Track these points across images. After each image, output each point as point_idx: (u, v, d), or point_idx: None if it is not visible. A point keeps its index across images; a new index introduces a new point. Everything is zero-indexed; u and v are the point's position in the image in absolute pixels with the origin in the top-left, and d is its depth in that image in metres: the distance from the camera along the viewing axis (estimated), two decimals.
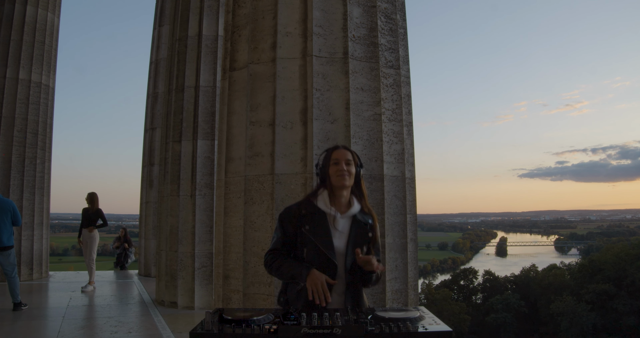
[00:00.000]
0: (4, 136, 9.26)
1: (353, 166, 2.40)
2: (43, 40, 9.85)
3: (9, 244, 6.58)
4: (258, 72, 3.70)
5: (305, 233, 2.33)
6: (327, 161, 2.40)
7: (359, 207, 2.41)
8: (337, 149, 2.42)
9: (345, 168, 2.36)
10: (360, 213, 2.41)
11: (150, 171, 10.73)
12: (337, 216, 2.36)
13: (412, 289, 3.80)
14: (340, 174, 2.35)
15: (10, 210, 6.64)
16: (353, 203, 2.41)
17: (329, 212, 2.35)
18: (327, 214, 2.35)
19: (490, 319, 44.59)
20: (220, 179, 3.95)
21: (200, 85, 7.20)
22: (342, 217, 2.37)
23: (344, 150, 2.43)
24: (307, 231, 2.33)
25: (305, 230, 2.33)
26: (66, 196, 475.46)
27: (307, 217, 2.35)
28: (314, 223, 2.34)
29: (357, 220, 2.39)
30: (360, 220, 2.39)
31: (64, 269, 18.51)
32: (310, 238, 2.32)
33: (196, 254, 6.85)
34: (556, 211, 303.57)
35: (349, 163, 2.39)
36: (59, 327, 5.72)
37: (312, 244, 2.31)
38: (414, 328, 1.86)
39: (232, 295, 3.71)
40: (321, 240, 2.31)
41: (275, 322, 1.94)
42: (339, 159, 2.38)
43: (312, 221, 2.34)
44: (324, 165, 2.41)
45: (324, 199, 2.38)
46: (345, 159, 2.38)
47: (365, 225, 2.39)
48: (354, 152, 2.46)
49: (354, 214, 2.39)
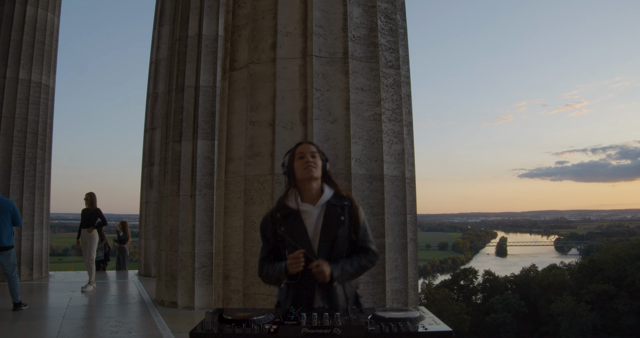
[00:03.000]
0: (4, 136, 9.26)
1: (319, 158, 2.42)
2: (43, 41, 9.85)
3: (9, 244, 6.58)
4: (258, 72, 3.70)
5: (282, 234, 2.36)
6: (292, 157, 2.43)
7: (331, 193, 2.41)
8: (301, 145, 2.46)
9: (310, 159, 2.38)
10: (334, 197, 2.40)
11: (150, 171, 10.73)
12: (310, 209, 2.37)
13: (412, 289, 3.80)
14: (306, 166, 2.37)
15: (11, 210, 6.63)
16: (324, 190, 2.42)
17: (301, 209, 2.37)
18: (300, 211, 2.37)
19: (490, 319, 44.58)
20: (220, 179, 3.95)
21: (200, 85, 7.20)
22: (315, 208, 2.38)
23: (308, 144, 2.47)
24: (284, 233, 2.35)
25: (282, 231, 2.36)
26: (66, 196, 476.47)
27: (281, 219, 2.37)
28: (288, 223, 2.36)
29: (330, 204, 2.38)
30: (333, 203, 2.38)
31: (64, 269, 18.51)
32: (287, 239, 2.34)
33: (196, 254, 6.85)
34: (556, 211, 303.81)
35: (314, 155, 2.41)
36: (59, 327, 5.72)
37: (290, 244, 2.34)
38: (414, 328, 1.86)
39: (232, 295, 3.71)
40: (297, 237, 2.33)
41: (275, 322, 1.94)
42: (304, 152, 2.40)
43: (287, 222, 2.36)
44: (289, 162, 2.44)
45: (295, 197, 2.40)
46: (310, 152, 2.40)
47: (338, 208, 2.37)
48: (317, 146, 2.49)
49: (327, 200, 2.39)
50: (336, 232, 2.33)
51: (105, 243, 10.99)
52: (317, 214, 2.37)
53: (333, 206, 2.37)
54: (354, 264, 2.34)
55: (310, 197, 2.40)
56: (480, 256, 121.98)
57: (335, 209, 2.37)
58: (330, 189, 2.42)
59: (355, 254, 2.39)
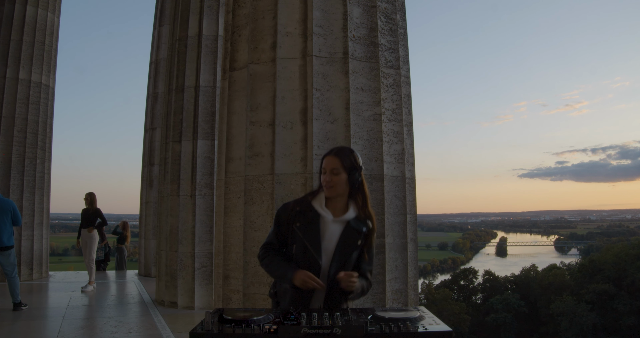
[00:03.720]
0: (4, 136, 9.26)
1: (341, 173, 2.34)
2: (43, 40, 9.85)
3: (9, 244, 6.59)
4: (258, 72, 3.70)
5: (296, 229, 2.34)
6: (320, 166, 2.41)
7: (354, 214, 2.38)
8: (328, 156, 2.39)
9: (330, 178, 2.33)
10: (354, 220, 2.37)
11: (150, 171, 10.72)
12: (329, 219, 2.35)
13: (412, 289, 3.80)
14: (325, 185, 2.35)
15: (11, 210, 6.64)
16: (349, 209, 2.39)
17: (322, 214, 2.36)
18: (320, 215, 2.35)
19: (490, 319, 44.59)
20: (220, 179, 3.95)
21: (200, 85, 7.20)
22: (335, 221, 2.36)
23: (332, 158, 2.36)
24: (298, 228, 2.34)
25: (296, 226, 2.35)
26: (66, 196, 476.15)
27: (300, 214, 2.36)
28: (305, 221, 2.35)
29: (350, 226, 2.35)
30: (352, 227, 2.36)
31: (64, 269, 18.51)
32: (299, 235, 2.33)
33: (196, 254, 6.85)
34: (556, 211, 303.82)
35: (336, 172, 2.34)
36: (59, 327, 5.72)
37: (300, 241, 2.33)
38: (414, 328, 1.86)
39: (232, 295, 3.71)
40: (310, 238, 2.31)
41: (275, 322, 1.94)
42: (326, 169, 2.36)
43: (304, 219, 2.35)
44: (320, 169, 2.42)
45: (321, 200, 2.39)
46: (331, 169, 2.34)
47: (356, 232, 2.35)
48: (349, 155, 2.38)
49: (348, 220, 2.36)
50: (351, 255, 2.34)
51: (106, 243, 10.99)
52: (334, 227, 2.35)
53: (352, 229, 2.35)
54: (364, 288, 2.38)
55: (335, 208, 2.39)
56: (480, 256, 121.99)
57: (354, 232, 2.35)
58: (355, 210, 2.38)
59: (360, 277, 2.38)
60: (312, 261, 2.30)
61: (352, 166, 2.36)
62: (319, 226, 2.33)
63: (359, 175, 2.38)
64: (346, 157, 2.37)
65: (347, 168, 2.35)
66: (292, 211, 2.38)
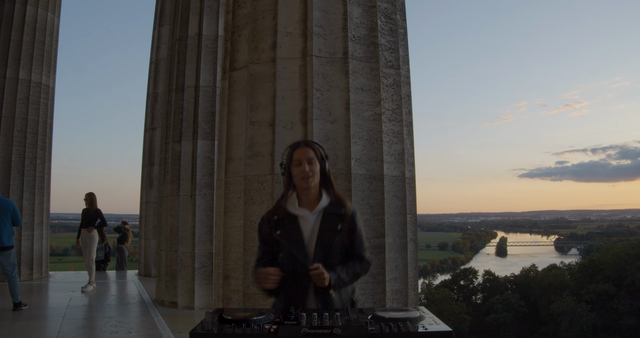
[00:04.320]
0: (4, 136, 9.26)
1: (316, 163, 2.35)
2: (43, 41, 9.85)
3: (8, 244, 6.60)
4: (258, 72, 3.70)
5: (278, 238, 2.33)
6: (290, 161, 2.36)
7: (328, 200, 2.38)
8: (298, 148, 2.36)
9: (307, 168, 2.32)
10: (329, 206, 2.36)
11: (150, 171, 10.73)
12: (307, 215, 2.35)
13: (412, 289, 3.80)
14: (303, 176, 2.32)
15: (11, 210, 6.65)
16: (322, 197, 2.38)
17: (299, 213, 2.35)
18: (297, 216, 2.35)
19: (490, 319, 44.58)
20: (220, 179, 3.95)
21: (200, 85, 7.20)
22: (313, 214, 2.35)
23: (305, 148, 2.35)
24: (279, 236, 2.33)
25: (277, 235, 2.33)
26: (66, 196, 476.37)
27: (279, 222, 2.35)
28: (285, 227, 2.34)
29: (327, 213, 2.35)
30: (329, 212, 2.35)
31: (64, 269, 18.51)
32: (283, 242, 2.32)
33: (196, 254, 6.85)
34: (556, 211, 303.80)
35: (312, 161, 2.33)
36: (59, 327, 5.72)
37: (285, 248, 2.32)
38: (414, 328, 1.86)
39: (232, 295, 3.71)
40: (293, 242, 2.30)
41: (275, 322, 1.94)
42: (301, 160, 2.33)
43: (284, 225, 2.34)
44: (287, 164, 2.38)
45: (293, 201, 2.37)
46: (307, 159, 2.33)
47: (335, 216, 2.34)
48: (316, 146, 2.39)
49: (323, 207, 2.36)
50: (332, 241, 2.31)
51: (106, 244, 10.99)
52: (313, 220, 2.34)
53: (329, 215, 2.34)
54: (349, 271, 2.31)
55: (308, 202, 2.38)
56: (480, 256, 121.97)
57: (331, 217, 2.34)
58: (328, 196, 2.38)
59: (350, 261, 2.36)
60: (299, 265, 2.28)
61: (322, 156, 2.39)
62: (299, 227, 2.33)
63: (325, 164, 2.40)
64: (316, 147, 2.39)
65: (319, 157, 2.37)
66: (270, 221, 2.38)
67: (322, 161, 2.38)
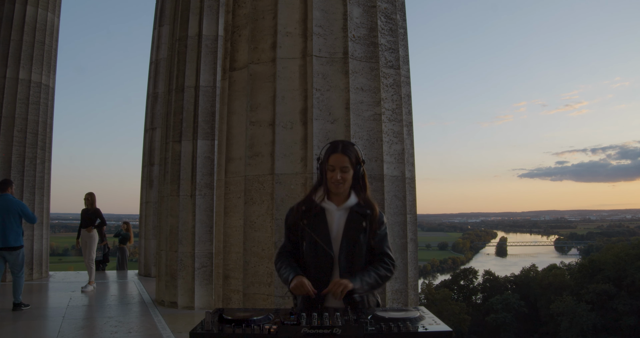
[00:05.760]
0: (4, 136, 9.26)
1: (349, 171, 2.40)
2: (43, 41, 9.85)
3: (16, 244, 6.69)
4: (258, 72, 3.70)
5: (304, 226, 2.41)
6: (325, 162, 2.41)
7: (355, 200, 2.44)
8: (335, 154, 2.40)
9: (339, 176, 2.37)
10: (357, 205, 2.43)
11: (150, 171, 10.73)
12: (334, 209, 2.42)
13: (412, 289, 3.80)
14: (333, 182, 2.39)
15: (19, 211, 6.76)
16: (350, 197, 2.44)
17: (326, 206, 2.42)
18: (325, 208, 2.42)
19: (490, 319, 44.59)
20: (220, 179, 3.95)
21: (200, 85, 7.20)
22: (339, 209, 2.42)
23: (341, 156, 2.39)
24: (305, 225, 2.40)
25: (304, 223, 2.41)
26: (66, 196, 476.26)
27: (306, 212, 2.42)
28: (312, 216, 2.41)
29: (353, 211, 2.41)
30: (356, 211, 2.41)
31: (64, 269, 18.51)
32: (308, 231, 2.39)
33: (196, 254, 6.85)
34: (556, 211, 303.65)
35: (345, 170, 2.38)
36: (59, 327, 5.72)
37: (310, 237, 2.38)
38: (414, 328, 1.86)
39: (232, 295, 3.71)
40: (318, 231, 2.37)
41: (275, 322, 1.94)
42: (335, 167, 2.38)
43: (311, 216, 2.41)
44: (321, 165, 2.44)
45: (322, 195, 2.45)
46: (341, 167, 2.38)
47: (360, 215, 2.40)
48: (353, 151, 2.42)
49: (350, 206, 2.42)
50: (358, 238, 2.37)
51: (105, 244, 10.99)
52: (339, 215, 2.41)
53: (356, 213, 2.41)
54: (372, 275, 2.35)
55: (337, 199, 2.45)
56: (480, 256, 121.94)
57: (357, 216, 2.40)
58: (356, 197, 2.44)
59: (373, 264, 2.40)
60: (322, 255, 2.35)
61: (357, 161, 2.43)
62: (325, 219, 2.40)
63: (361, 168, 2.45)
64: (352, 153, 2.42)
65: (354, 164, 2.41)
66: (298, 211, 2.45)
67: (357, 166, 2.42)
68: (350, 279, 2.24)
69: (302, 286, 2.24)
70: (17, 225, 6.75)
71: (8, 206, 6.70)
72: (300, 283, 2.25)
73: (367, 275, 2.32)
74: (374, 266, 2.38)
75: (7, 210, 6.67)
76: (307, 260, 2.39)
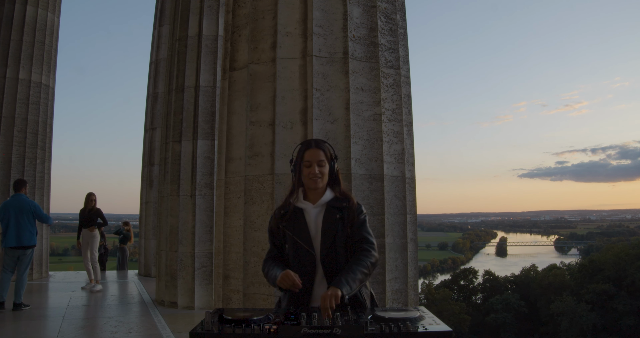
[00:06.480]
0: (4, 136, 9.27)
1: (326, 165, 2.42)
2: (43, 41, 9.85)
3: (28, 244, 6.78)
4: (258, 72, 3.70)
5: (283, 229, 2.43)
6: (300, 160, 2.43)
7: (331, 195, 2.45)
8: (310, 149, 2.43)
9: (317, 170, 2.39)
10: (332, 200, 2.44)
11: (150, 171, 10.73)
12: (310, 208, 2.43)
13: (412, 289, 3.80)
14: (311, 177, 2.40)
15: (32, 211, 6.83)
16: (325, 193, 2.46)
17: (302, 206, 2.44)
18: (302, 209, 2.44)
19: (490, 319, 44.57)
20: (220, 179, 3.95)
21: (200, 85, 7.20)
22: (315, 207, 2.43)
23: (317, 150, 2.41)
24: (285, 227, 2.42)
25: (283, 226, 2.43)
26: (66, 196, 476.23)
27: (285, 215, 2.44)
28: (290, 219, 2.43)
29: (329, 206, 2.42)
30: (332, 206, 2.42)
31: (64, 269, 18.51)
32: (288, 233, 2.41)
33: (196, 254, 6.85)
34: (556, 211, 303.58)
35: (322, 163, 2.41)
36: (59, 327, 5.72)
37: (290, 239, 2.40)
38: (414, 328, 1.86)
39: (232, 295, 3.71)
40: (297, 232, 2.39)
41: (275, 322, 1.94)
42: (311, 162, 2.40)
43: (290, 218, 2.43)
44: (296, 163, 2.46)
45: (300, 196, 2.47)
46: (317, 161, 2.40)
47: (336, 209, 2.41)
48: (327, 146, 2.46)
49: (326, 201, 2.43)
50: (335, 232, 2.36)
51: (103, 244, 10.99)
52: (315, 213, 2.42)
53: (332, 208, 2.42)
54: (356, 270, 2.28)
55: (313, 197, 2.46)
56: (480, 256, 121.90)
57: (334, 210, 2.41)
58: (331, 192, 2.46)
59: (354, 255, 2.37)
60: (304, 254, 2.36)
61: (331, 156, 2.47)
62: (304, 219, 2.41)
63: (334, 164, 2.47)
64: (326, 148, 2.46)
65: (328, 159, 2.44)
66: (277, 215, 2.47)
67: (331, 162, 2.46)
68: (337, 285, 2.18)
69: (287, 276, 2.22)
70: (32, 224, 6.84)
71: (22, 206, 6.78)
72: (286, 274, 2.24)
73: (352, 272, 2.26)
74: (355, 259, 2.33)
75: (20, 210, 6.75)
76: (291, 261, 2.40)
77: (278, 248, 2.49)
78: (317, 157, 2.40)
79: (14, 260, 6.75)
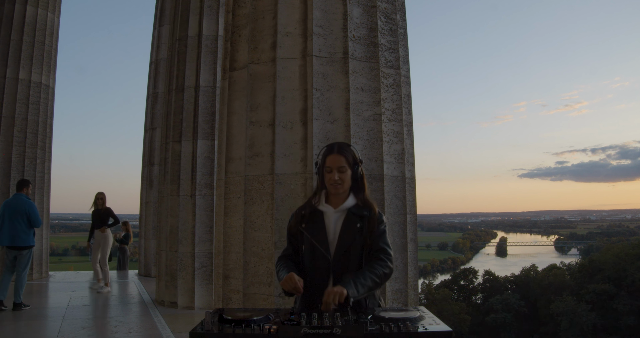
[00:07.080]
0: (4, 136, 9.27)
1: (347, 171, 2.40)
2: (43, 41, 9.85)
3: (24, 244, 6.74)
4: (258, 72, 3.70)
5: (302, 230, 2.43)
6: (323, 164, 2.44)
7: (353, 201, 2.44)
8: (331, 155, 2.42)
9: (337, 177, 2.39)
10: (354, 207, 2.43)
11: (150, 171, 10.73)
12: (331, 212, 2.43)
13: (412, 289, 3.79)
14: (332, 183, 2.40)
15: (26, 213, 6.77)
16: (348, 198, 2.45)
17: (324, 209, 2.44)
18: (323, 212, 2.44)
19: (490, 319, 44.55)
20: (220, 179, 3.95)
21: (200, 85, 7.20)
22: (336, 212, 2.43)
23: (338, 157, 2.40)
24: (304, 229, 2.42)
25: (302, 227, 2.43)
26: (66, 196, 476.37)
27: (306, 217, 2.44)
28: (310, 220, 2.43)
29: (350, 213, 2.41)
30: (353, 213, 2.41)
31: (64, 269, 18.51)
32: (306, 235, 2.41)
33: (196, 254, 6.85)
34: (556, 211, 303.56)
35: (342, 170, 2.40)
36: (59, 327, 5.72)
37: (308, 240, 2.40)
38: (414, 328, 1.86)
39: (232, 295, 3.71)
40: (316, 235, 2.39)
41: (275, 322, 1.94)
42: (332, 167, 2.40)
43: (310, 220, 2.43)
44: (319, 168, 2.46)
45: (322, 198, 2.47)
46: (338, 167, 2.39)
47: (357, 217, 2.40)
48: (350, 151, 2.44)
49: (348, 208, 2.42)
50: (353, 239, 2.36)
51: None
52: (336, 218, 2.42)
53: (353, 215, 2.40)
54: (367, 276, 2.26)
55: (335, 201, 2.46)
56: (480, 256, 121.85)
57: (354, 218, 2.40)
58: (354, 199, 2.44)
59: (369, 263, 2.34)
60: (320, 258, 2.36)
61: (354, 162, 2.44)
62: (323, 222, 2.41)
63: (358, 169, 2.45)
64: (349, 153, 2.44)
65: (351, 164, 2.42)
66: (298, 215, 2.47)
67: (354, 166, 2.44)
68: (345, 285, 2.16)
69: (290, 279, 2.23)
70: (26, 225, 6.80)
71: (17, 207, 6.77)
72: (289, 276, 2.24)
73: (362, 277, 2.24)
74: (369, 266, 2.31)
75: (16, 210, 6.73)
76: (306, 264, 2.40)
77: (294, 248, 2.49)
78: (337, 163, 2.39)
79: (11, 260, 6.75)
